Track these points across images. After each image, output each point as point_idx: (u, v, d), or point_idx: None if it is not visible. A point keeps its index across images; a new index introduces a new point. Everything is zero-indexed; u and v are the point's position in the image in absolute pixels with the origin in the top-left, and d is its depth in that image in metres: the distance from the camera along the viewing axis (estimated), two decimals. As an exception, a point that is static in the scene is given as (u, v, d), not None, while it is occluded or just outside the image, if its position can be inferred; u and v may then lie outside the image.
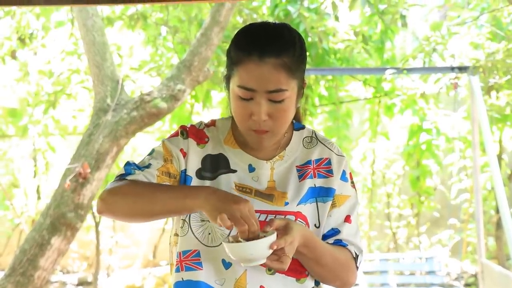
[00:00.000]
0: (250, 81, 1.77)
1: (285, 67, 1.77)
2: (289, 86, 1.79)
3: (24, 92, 7.90)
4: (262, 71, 1.76)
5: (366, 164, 8.76)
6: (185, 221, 1.87)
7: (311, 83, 7.24)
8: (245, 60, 1.77)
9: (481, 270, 5.45)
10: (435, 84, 6.85)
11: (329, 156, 1.95)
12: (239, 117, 1.82)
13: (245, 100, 1.79)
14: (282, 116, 1.81)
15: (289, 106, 1.81)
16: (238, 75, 1.79)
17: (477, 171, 5.78)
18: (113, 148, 5.05)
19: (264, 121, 1.79)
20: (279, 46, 1.78)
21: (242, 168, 1.90)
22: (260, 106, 1.78)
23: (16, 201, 8.76)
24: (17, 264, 4.87)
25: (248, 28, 1.87)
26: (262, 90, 1.77)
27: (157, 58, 7.45)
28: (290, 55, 1.78)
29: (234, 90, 1.80)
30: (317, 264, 1.85)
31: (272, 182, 1.90)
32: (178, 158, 1.90)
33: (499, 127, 7.68)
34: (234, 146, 1.93)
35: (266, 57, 1.76)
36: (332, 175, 1.93)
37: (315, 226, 1.90)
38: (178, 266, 1.87)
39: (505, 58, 5.61)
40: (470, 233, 8.18)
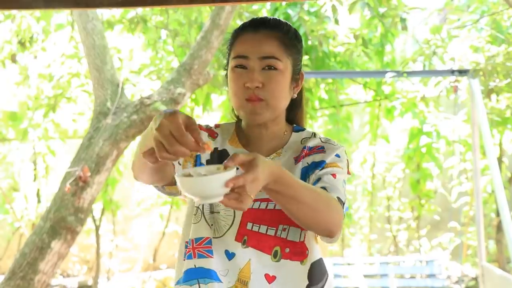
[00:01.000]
0: (244, 49, 1.87)
1: (278, 38, 1.88)
2: (283, 58, 1.88)
3: (24, 96, 7.90)
4: (255, 39, 1.87)
5: (367, 167, 8.76)
6: (199, 208, 1.91)
7: (311, 86, 7.24)
8: (240, 34, 1.91)
9: (482, 273, 5.45)
10: (435, 87, 6.84)
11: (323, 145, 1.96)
12: (234, 87, 1.89)
13: (240, 69, 1.87)
14: (276, 86, 1.87)
15: (283, 79, 1.88)
16: (234, 50, 1.90)
17: (478, 174, 5.77)
18: (113, 151, 5.05)
19: (258, 88, 1.85)
20: (273, 23, 1.91)
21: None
22: (253, 71, 1.85)
23: (16, 204, 8.75)
24: (17, 268, 4.87)
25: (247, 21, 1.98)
26: (255, 56, 1.86)
27: (157, 62, 7.45)
28: (283, 32, 1.90)
29: (231, 64, 1.90)
30: (295, 202, 1.67)
31: None
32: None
33: (499, 130, 7.68)
34: (237, 145, 1.98)
35: (260, 28, 1.88)
36: (324, 152, 1.91)
37: None
38: (191, 253, 1.87)
39: (505, 61, 5.61)
40: (470, 236, 8.17)
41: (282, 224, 1.86)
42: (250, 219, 1.86)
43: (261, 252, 1.85)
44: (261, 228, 1.86)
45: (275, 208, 1.85)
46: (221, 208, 1.89)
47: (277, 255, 1.86)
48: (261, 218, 1.86)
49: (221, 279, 1.84)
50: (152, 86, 7.33)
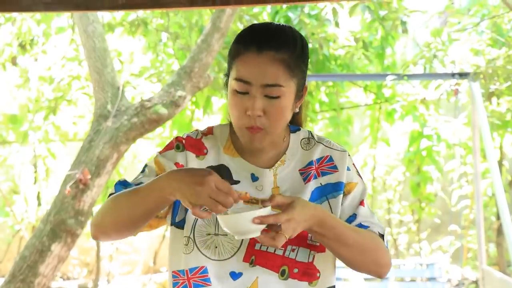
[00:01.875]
0: (247, 73, 1.73)
1: (283, 62, 1.73)
2: (287, 83, 1.75)
3: (24, 98, 7.90)
4: (259, 63, 1.73)
5: (367, 170, 8.75)
6: (190, 238, 1.82)
7: (311, 89, 7.25)
8: (243, 52, 1.75)
9: (482, 276, 5.44)
10: (435, 90, 6.84)
11: (330, 153, 1.90)
12: (234, 113, 1.78)
13: (241, 94, 1.74)
14: (277, 114, 1.76)
15: (286, 104, 1.76)
16: (235, 68, 1.76)
17: (478, 177, 5.77)
18: (114, 154, 5.04)
19: (259, 117, 1.75)
20: (279, 41, 1.75)
21: (245, 177, 1.85)
22: (255, 100, 1.73)
23: (16, 207, 8.75)
24: (17, 271, 4.86)
25: (251, 25, 1.87)
26: (258, 83, 1.73)
27: (157, 64, 7.46)
28: (290, 51, 1.75)
29: (231, 84, 1.77)
30: (341, 245, 1.75)
31: (276, 189, 1.85)
32: None
33: (499, 133, 7.68)
34: (234, 154, 1.88)
35: (264, 49, 1.73)
36: (337, 170, 1.87)
37: None
38: (186, 284, 1.82)
39: (506, 64, 5.61)
40: (471, 239, 8.17)
41: (291, 245, 1.83)
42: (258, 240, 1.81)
43: (268, 270, 1.82)
44: (269, 248, 1.81)
45: None
46: None
47: (285, 273, 1.83)
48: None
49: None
50: (153, 88, 7.33)
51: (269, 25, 1.83)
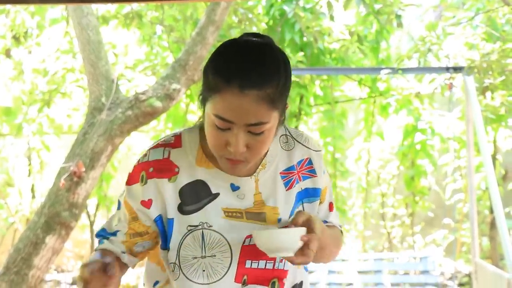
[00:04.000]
0: (228, 113, 1.62)
1: (267, 99, 1.61)
2: (270, 117, 1.65)
3: (18, 91, 7.88)
4: (242, 104, 1.60)
5: (361, 164, 8.76)
6: (176, 264, 1.78)
7: (306, 83, 7.24)
8: (223, 89, 1.61)
9: (475, 269, 5.46)
10: (430, 84, 6.85)
11: (309, 155, 1.87)
12: (214, 145, 1.69)
13: (222, 130, 1.65)
14: (260, 147, 1.68)
15: (269, 136, 1.68)
16: (214, 103, 1.63)
17: (472, 171, 5.79)
18: (108, 147, 5.04)
19: (241, 153, 1.66)
20: (261, 77, 1.61)
21: (225, 188, 1.78)
22: (237, 138, 1.64)
23: (10, 200, 8.74)
24: (11, 263, 4.86)
25: (228, 51, 1.69)
26: (241, 123, 1.62)
27: (152, 57, 7.45)
28: (273, 86, 1.62)
29: (210, 116, 1.65)
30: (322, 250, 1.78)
31: (258, 195, 1.80)
32: (142, 212, 1.78)
33: (493, 128, 7.70)
34: (209, 165, 1.78)
35: (247, 89, 1.59)
36: (316, 175, 1.87)
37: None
38: None
39: (500, 59, 5.62)
40: (464, 233, 8.19)
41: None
42: (248, 257, 1.79)
43: (259, 285, 1.82)
44: (260, 264, 1.80)
45: None
46: (217, 250, 1.77)
47: (275, 285, 1.83)
48: (258, 253, 1.77)
49: None
50: (147, 81, 7.32)
51: (248, 51, 1.67)
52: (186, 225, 1.77)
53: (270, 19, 7.16)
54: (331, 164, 7.96)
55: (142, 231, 1.81)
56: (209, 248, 1.77)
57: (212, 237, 1.77)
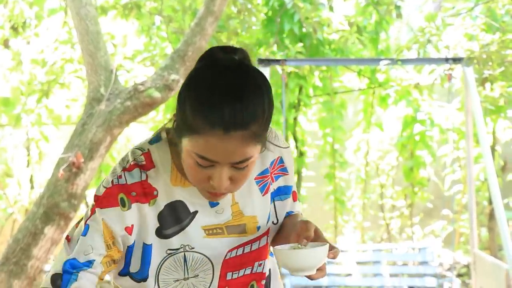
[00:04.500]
0: (212, 154, 1.52)
1: (252, 136, 1.52)
2: (254, 152, 1.56)
3: (17, 81, 7.87)
4: (227, 146, 1.50)
5: (360, 155, 8.76)
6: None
7: (305, 74, 7.23)
8: (206, 132, 1.50)
9: (474, 260, 5.47)
10: (429, 75, 6.85)
11: (280, 153, 1.82)
12: (195, 178, 1.60)
13: (204, 167, 1.55)
14: (243, 179, 1.60)
15: (252, 167, 1.60)
16: (196, 143, 1.52)
17: (471, 162, 5.79)
18: (107, 137, 5.04)
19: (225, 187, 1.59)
20: (247, 117, 1.50)
21: (203, 205, 1.71)
22: (221, 175, 1.55)
23: (9, 190, 8.74)
24: (10, 253, 4.87)
25: (206, 87, 1.53)
26: (226, 162, 1.53)
27: (151, 48, 7.43)
28: (258, 122, 1.53)
29: (190, 152, 1.54)
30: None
31: (235, 205, 1.74)
32: (123, 240, 1.66)
33: (492, 119, 7.69)
34: (185, 183, 1.68)
35: (232, 131, 1.49)
36: (287, 173, 1.83)
37: (273, 223, 1.83)
38: None
39: (500, 50, 5.61)
40: (463, 224, 8.20)
41: (258, 261, 1.82)
42: (229, 269, 1.77)
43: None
44: (240, 272, 1.79)
45: (251, 250, 1.79)
46: (200, 270, 1.74)
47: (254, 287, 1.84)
48: (239, 263, 1.75)
49: None
50: (146, 72, 7.31)
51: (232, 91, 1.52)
52: (166, 249, 1.70)
53: (269, 10, 7.14)
54: (330, 155, 7.96)
55: (117, 258, 1.67)
56: (192, 269, 1.73)
57: (194, 258, 1.72)
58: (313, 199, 8.34)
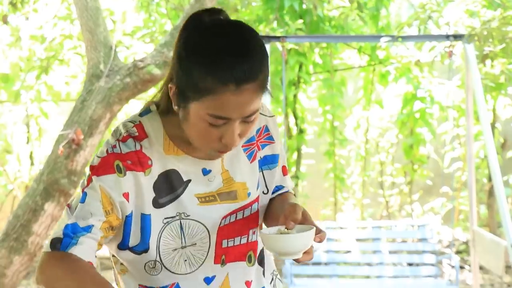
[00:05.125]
0: (226, 111, 1.56)
1: (260, 87, 1.59)
2: (261, 102, 1.64)
3: (16, 57, 7.84)
4: (239, 100, 1.55)
5: (360, 132, 8.76)
6: (156, 261, 1.75)
7: (305, 51, 7.20)
8: (219, 90, 1.54)
9: (473, 237, 5.49)
10: (429, 52, 6.82)
11: (265, 122, 1.87)
12: (205, 140, 1.63)
13: (216, 126, 1.59)
14: (249, 132, 1.66)
15: (256, 119, 1.65)
16: (208, 103, 1.56)
17: (471, 139, 5.78)
18: (107, 114, 5.03)
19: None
20: (254, 67, 1.57)
21: (196, 173, 1.74)
22: (234, 131, 1.60)
23: (9, 167, 8.75)
24: (10, 230, 4.88)
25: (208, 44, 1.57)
26: (237, 117, 1.59)
27: (150, 24, 7.39)
28: (264, 72, 1.60)
29: (201, 115, 1.58)
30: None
31: (226, 173, 1.78)
32: (121, 206, 1.67)
33: (493, 96, 7.68)
34: (178, 152, 1.72)
35: (243, 85, 1.54)
36: (273, 141, 1.87)
37: (263, 193, 1.87)
38: None
39: (501, 26, 5.58)
40: (462, 201, 8.22)
41: (252, 228, 1.85)
42: (224, 236, 1.78)
43: (237, 262, 1.83)
44: (235, 241, 1.81)
45: (244, 217, 1.82)
46: (197, 238, 1.76)
47: (251, 259, 1.86)
48: (233, 231, 1.78)
49: None
50: (146, 49, 7.29)
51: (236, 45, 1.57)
52: (162, 218, 1.72)
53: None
54: (329, 132, 7.96)
55: (115, 225, 1.68)
56: (189, 237, 1.76)
57: (190, 226, 1.75)
58: (312, 177, 8.36)
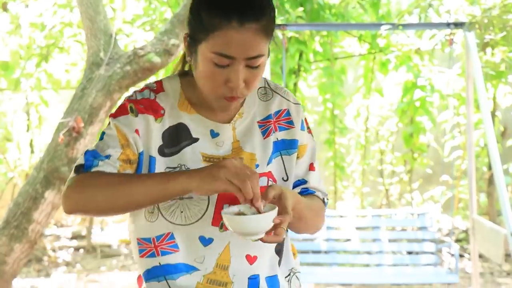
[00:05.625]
0: (229, 48, 1.66)
1: (264, 30, 1.68)
2: (266, 49, 1.72)
3: (16, 45, 7.83)
4: (242, 37, 1.65)
5: (360, 121, 8.77)
6: (155, 206, 1.79)
7: (305, 39, 7.19)
8: (223, 26, 1.65)
9: (472, 226, 5.49)
10: (430, 40, 6.80)
11: (287, 106, 1.91)
12: (212, 84, 1.72)
13: (221, 67, 1.69)
14: (256, 81, 1.74)
15: (263, 70, 1.73)
16: (213, 41, 1.67)
17: (471, 128, 5.78)
18: (107, 102, 5.03)
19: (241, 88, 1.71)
20: (258, 9, 1.68)
21: (204, 134, 1.82)
22: (238, 73, 1.68)
23: (9, 155, 8.76)
24: (11, 217, 4.89)
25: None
26: (242, 57, 1.67)
27: (150, 12, 7.38)
28: (268, 17, 1.70)
29: (207, 55, 1.68)
30: (297, 220, 1.80)
31: (236, 143, 1.84)
32: (134, 141, 1.77)
33: (493, 84, 7.67)
34: (190, 111, 1.82)
35: (246, 22, 1.65)
36: (293, 126, 1.90)
37: (283, 179, 1.88)
38: (153, 252, 1.81)
39: (501, 14, 5.57)
40: (462, 189, 8.23)
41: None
42: (225, 201, 1.79)
43: None
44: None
45: None
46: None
47: None
48: (235, 197, 1.75)
49: (197, 267, 1.79)
50: (146, 37, 7.27)
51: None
52: (165, 167, 1.78)
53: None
54: (329, 121, 7.96)
55: (132, 159, 1.77)
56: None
57: None
58: (312, 165, 8.35)
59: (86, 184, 1.70)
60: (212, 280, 1.80)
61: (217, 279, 1.81)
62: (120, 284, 7.27)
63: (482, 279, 6.90)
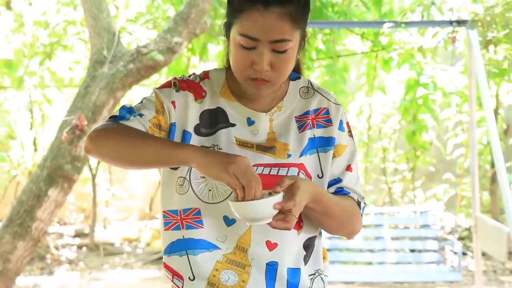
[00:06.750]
0: (254, 30, 1.73)
1: (289, 16, 1.74)
2: (293, 36, 1.77)
3: (19, 43, 7.84)
4: (266, 20, 1.73)
5: (363, 118, 8.76)
6: (185, 178, 1.84)
7: (308, 37, 7.17)
8: (248, 8, 1.73)
9: (475, 223, 5.50)
10: (433, 38, 6.80)
11: (327, 106, 1.94)
12: (239, 65, 1.79)
13: (247, 49, 1.76)
14: (284, 66, 1.79)
15: (291, 56, 1.79)
16: (240, 23, 1.75)
17: (473, 125, 5.78)
18: (110, 100, 5.04)
19: (266, 71, 1.77)
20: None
21: (241, 121, 1.88)
22: (262, 55, 1.75)
23: (12, 153, 8.77)
24: (14, 215, 4.90)
25: None
26: (265, 39, 1.74)
27: (153, 10, 7.38)
28: (295, 4, 1.75)
29: (236, 38, 1.77)
30: (325, 216, 1.84)
31: (272, 134, 1.88)
32: (168, 111, 1.85)
33: (496, 82, 7.67)
34: (231, 99, 1.90)
35: (270, 5, 1.72)
36: (331, 124, 1.92)
37: (318, 176, 1.89)
38: (178, 224, 1.85)
39: (504, 12, 5.57)
40: (464, 187, 8.23)
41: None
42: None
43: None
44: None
45: (278, 174, 1.85)
46: None
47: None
48: (263, 183, 1.76)
49: (218, 245, 1.82)
50: (149, 35, 7.28)
51: None
52: (199, 145, 1.83)
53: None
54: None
55: (162, 126, 1.85)
56: None
57: None
58: (315, 163, 8.36)
59: (110, 131, 1.78)
60: (231, 260, 1.83)
61: (236, 260, 1.83)
62: (123, 282, 7.29)
63: (485, 277, 6.91)
